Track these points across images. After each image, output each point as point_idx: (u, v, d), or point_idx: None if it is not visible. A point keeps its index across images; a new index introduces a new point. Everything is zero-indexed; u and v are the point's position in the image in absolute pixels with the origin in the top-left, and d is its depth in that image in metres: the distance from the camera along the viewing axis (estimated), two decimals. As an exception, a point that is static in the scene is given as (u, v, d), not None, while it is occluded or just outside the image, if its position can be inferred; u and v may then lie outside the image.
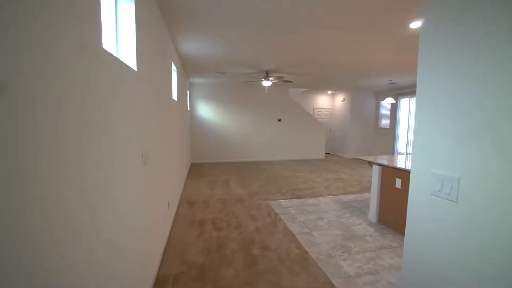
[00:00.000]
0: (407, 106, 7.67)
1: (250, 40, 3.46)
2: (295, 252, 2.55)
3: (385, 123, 8.67)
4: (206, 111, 7.76)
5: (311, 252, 2.56)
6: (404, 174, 2.90)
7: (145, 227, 1.82)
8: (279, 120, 8.40)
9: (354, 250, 2.62)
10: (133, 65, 1.57)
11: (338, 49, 3.80)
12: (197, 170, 6.61)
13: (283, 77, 5.30)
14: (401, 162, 3.28)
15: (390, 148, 8.32)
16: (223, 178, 5.79)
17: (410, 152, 7.31)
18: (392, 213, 3.09)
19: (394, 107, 8.13)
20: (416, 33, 3.07)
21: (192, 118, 7.64)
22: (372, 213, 3.36)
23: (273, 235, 2.92)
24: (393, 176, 3.06)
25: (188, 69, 5.43)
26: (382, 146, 8.72)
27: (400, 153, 8.03)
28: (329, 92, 9.58)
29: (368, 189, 4.96)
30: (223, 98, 7.83)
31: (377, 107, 9.01)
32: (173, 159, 3.47)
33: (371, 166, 3.42)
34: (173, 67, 3.72)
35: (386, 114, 8.63)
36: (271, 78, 5.53)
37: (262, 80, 5.58)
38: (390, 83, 6.91)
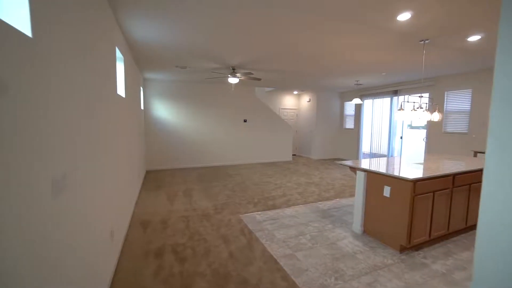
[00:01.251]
0: (371, 107, 7.80)
1: (214, 25, 2.88)
2: (282, 286, 2.05)
3: (349, 124, 8.77)
4: (163, 111, 6.87)
5: (300, 283, 2.09)
6: (394, 181, 2.61)
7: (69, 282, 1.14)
8: (245, 121, 7.90)
9: (348, 274, 2.23)
10: (25, 28, 0.89)
11: (318, 42, 3.43)
12: (153, 179, 5.74)
13: (252, 74, 4.80)
14: (387, 167, 3.02)
15: (355, 148, 8.42)
16: (185, 187, 5.06)
17: (382, 153, 7.41)
18: (380, 223, 2.80)
19: (358, 108, 8.24)
20: (403, 28, 2.83)
21: (147, 119, 6.69)
22: (357, 224, 3.05)
23: (251, 262, 2.38)
24: (381, 183, 2.77)
25: (141, 61, 4.59)
26: (347, 147, 8.80)
27: (364, 154, 8.16)
28: (295, 92, 9.40)
29: (342, 193, 4.74)
30: (183, 96, 7.03)
31: (342, 108, 9.09)
32: (120, 171, 2.71)
33: (355, 172, 3.10)
34: (119, 54, 2.94)
35: (350, 115, 8.73)
36: (238, 75, 4.99)
37: (228, 77, 5.01)
38: (356, 84, 6.91)
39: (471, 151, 5.14)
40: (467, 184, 2.92)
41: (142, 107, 6.04)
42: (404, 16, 2.59)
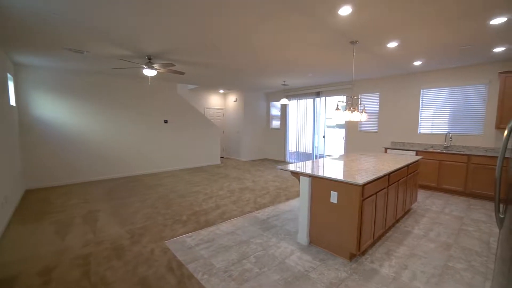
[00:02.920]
0: (295, 108, 8.05)
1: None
2: None
3: (275, 124, 8.87)
4: (53, 109, 5.18)
5: (254, 334, 1.59)
6: (341, 186, 2.43)
7: None
8: (166, 121, 6.88)
9: (307, 304, 1.87)
10: None
11: (251, 31, 3.00)
12: (35, 203, 4.18)
13: (174, 65, 4.01)
14: (334, 171, 2.86)
15: (282, 148, 8.56)
16: (87, 209, 3.84)
17: (307, 152, 7.64)
18: (327, 232, 2.59)
19: (284, 109, 8.40)
20: (340, 25, 2.69)
21: (24, 119, 4.90)
22: (302, 234, 2.78)
23: (186, 316, 1.74)
24: (327, 188, 2.56)
25: (4, 34, 3.16)
26: (275, 147, 8.89)
27: (291, 153, 8.38)
28: (221, 91, 8.89)
29: (278, 197, 4.51)
30: (83, 90, 5.49)
31: (268, 108, 9.12)
32: None
33: (298, 178, 2.83)
34: None
35: (276, 115, 8.84)
36: (155, 66, 4.11)
37: (143, 68, 4.07)
38: (283, 85, 6.93)
39: (382, 147, 5.80)
40: (397, 181, 3.06)
41: (12, 103, 4.35)
42: (345, 10, 2.43)
